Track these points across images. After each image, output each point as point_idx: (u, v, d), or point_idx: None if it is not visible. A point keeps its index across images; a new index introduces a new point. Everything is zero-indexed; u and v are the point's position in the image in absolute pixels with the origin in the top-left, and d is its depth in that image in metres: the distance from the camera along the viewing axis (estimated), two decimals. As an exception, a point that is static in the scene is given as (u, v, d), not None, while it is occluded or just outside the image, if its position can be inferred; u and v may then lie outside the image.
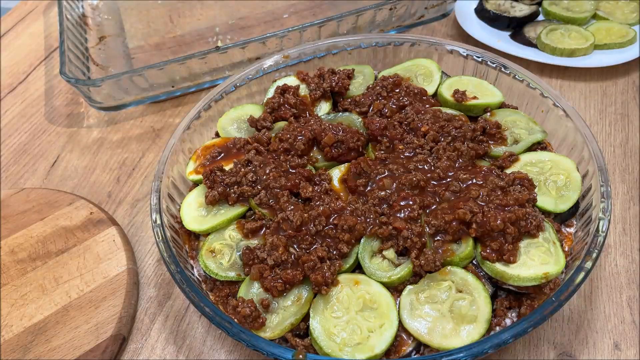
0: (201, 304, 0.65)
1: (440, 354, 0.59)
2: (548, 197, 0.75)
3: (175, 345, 0.76)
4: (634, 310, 0.75)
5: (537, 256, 0.68)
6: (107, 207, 0.95)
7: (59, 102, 1.19)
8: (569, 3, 1.24)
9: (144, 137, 1.08)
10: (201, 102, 0.92)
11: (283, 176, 0.77)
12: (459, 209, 0.70)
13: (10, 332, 0.76)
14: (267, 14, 1.32)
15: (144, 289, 0.83)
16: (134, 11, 1.36)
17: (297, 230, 0.71)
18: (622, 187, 0.89)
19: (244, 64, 1.11)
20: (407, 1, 1.14)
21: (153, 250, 0.88)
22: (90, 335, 0.75)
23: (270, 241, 0.70)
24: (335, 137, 0.81)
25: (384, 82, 0.93)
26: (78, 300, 0.79)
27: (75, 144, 1.09)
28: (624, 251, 0.81)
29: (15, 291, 0.81)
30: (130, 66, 1.21)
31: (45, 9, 1.47)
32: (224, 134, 0.91)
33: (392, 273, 0.69)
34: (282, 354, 0.60)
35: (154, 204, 0.77)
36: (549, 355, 0.71)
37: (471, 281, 0.67)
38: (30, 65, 1.29)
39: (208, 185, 0.78)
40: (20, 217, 0.91)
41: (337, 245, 0.70)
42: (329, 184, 0.78)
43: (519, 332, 0.59)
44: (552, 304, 0.61)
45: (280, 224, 0.72)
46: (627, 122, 1.00)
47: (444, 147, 0.80)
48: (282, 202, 0.74)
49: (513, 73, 0.91)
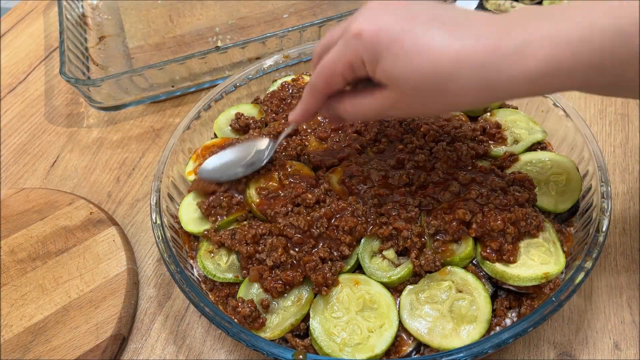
0: (201, 304, 0.65)
1: (441, 354, 0.59)
2: (548, 197, 0.75)
3: (175, 345, 0.76)
4: (634, 310, 0.75)
5: (537, 256, 0.68)
6: (107, 207, 0.95)
7: (59, 102, 1.19)
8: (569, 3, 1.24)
9: (144, 137, 1.08)
10: (201, 102, 0.92)
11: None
12: (459, 209, 0.70)
13: (10, 332, 0.76)
14: (267, 14, 1.32)
15: (143, 289, 0.83)
16: (134, 11, 1.36)
17: (304, 234, 0.71)
18: (622, 187, 0.89)
19: (244, 64, 1.11)
20: (407, 1, 1.14)
21: (153, 250, 0.88)
22: (90, 335, 0.75)
23: (270, 242, 0.70)
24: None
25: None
26: (78, 300, 0.79)
27: (75, 144, 1.09)
28: (624, 251, 0.81)
29: (15, 291, 0.81)
30: (130, 66, 1.21)
31: (45, 9, 1.47)
32: (221, 135, 0.91)
33: (392, 273, 0.69)
34: (282, 354, 0.60)
35: (153, 204, 0.77)
36: (549, 355, 0.71)
37: (471, 281, 0.67)
38: (30, 65, 1.29)
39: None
40: (20, 217, 0.91)
41: (339, 247, 0.70)
42: (328, 185, 0.78)
43: (519, 332, 0.59)
44: (552, 304, 0.61)
45: (283, 230, 0.71)
46: (627, 122, 1.00)
47: (444, 147, 0.80)
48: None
49: (513, 73, 0.91)
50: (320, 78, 0.63)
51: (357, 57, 0.57)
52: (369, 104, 0.62)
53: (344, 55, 0.58)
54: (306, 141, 0.86)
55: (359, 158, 0.81)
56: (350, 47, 0.57)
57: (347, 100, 0.64)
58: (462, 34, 0.53)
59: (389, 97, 0.59)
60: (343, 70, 0.60)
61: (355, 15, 0.58)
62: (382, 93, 0.60)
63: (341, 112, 0.66)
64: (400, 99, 0.58)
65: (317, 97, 0.66)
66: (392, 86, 0.57)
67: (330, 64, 0.60)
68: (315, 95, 0.66)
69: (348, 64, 0.59)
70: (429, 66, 0.53)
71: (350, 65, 0.59)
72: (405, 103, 0.59)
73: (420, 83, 0.54)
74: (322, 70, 0.62)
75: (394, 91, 0.58)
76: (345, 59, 0.58)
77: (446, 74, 0.52)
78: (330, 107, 0.67)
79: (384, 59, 0.55)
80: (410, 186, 0.76)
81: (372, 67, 0.57)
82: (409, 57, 0.53)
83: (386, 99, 0.59)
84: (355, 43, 0.56)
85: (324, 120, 0.89)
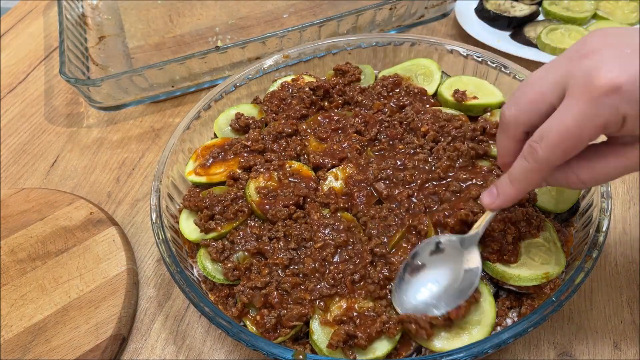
0: (201, 304, 0.65)
1: (441, 354, 0.59)
2: (548, 197, 0.75)
3: (175, 345, 0.76)
4: (634, 310, 0.75)
5: (537, 256, 0.68)
6: (107, 207, 0.95)
7: (59, 102, 1.18)
8: (569, 3, 1.24)
9: (144, 137, 1.08)
10: (201, 102, 0.92)
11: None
12: (460, 209, 0.70)
13: (10, 332, 0.76)
14: (267, 14, 1.32)
15: (143, 289, 0.83)
16: (134, 11, 1.36)
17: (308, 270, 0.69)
18: (622, 187, 0.89)
19: (244, 63, 1.11)
20: (407, 1, 1.14)
21: (153, 250, 0.88)
22: (90, 335, 0.74)
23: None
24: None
25: (384, 82, 0.92)
26: (78, 300, 0.79)
27: (75, 143, 1.09)
28: (624, 251, 0.81)
29: (15, 291, 0.81)
30: (130, 66, 1.21)
31: (45, 9, 1.47)
32: (221, 135, 0.91)
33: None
34: (282, 354, 0.60)
35: (153, 204, 0.77)
36: (549, 355, 0.71)
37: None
38: (29, 65, 1.29)
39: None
40: (20, 217, 0.91)
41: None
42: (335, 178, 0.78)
43: (519, 332, 0.59)
44: (552, 304, 0.61)
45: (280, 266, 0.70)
46: (627, 122, 1.00)
47: (444, 147, 0.80)
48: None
49: (513, 73, 0.91)
50: (559, 151, 0.51)
51: (618, 117, 0.47)
52: (614, 164, 0.53)
53: (595, 120, 0.48)
54: (306, 141, 0.86)
55: (359, 158, 0.81)
56: (604, 108, 0.47)
57: (579, 166, 0.55)
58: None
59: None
60: (594, 136, 0.49)
61: (592, 62, 0.48)
62: (633, 148, 0.51)
63: (571, 179, 0.55)
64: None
65: (545, 172, 0.54)
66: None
67: (573, 133, 0.49)
68: (545, 171, 0.54)
69: (602, 127, 0.48)
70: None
71: (606, 127, 0.48)
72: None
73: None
74: (561, 142, 0.50)
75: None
76: (599, 122, 0.48)
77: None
78: (556, 179, 0.57)
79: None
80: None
81: (635, 123, 0.48)
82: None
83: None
84: (613, 101, 0.46)
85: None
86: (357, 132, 0.86)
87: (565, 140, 0.50)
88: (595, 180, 0.55)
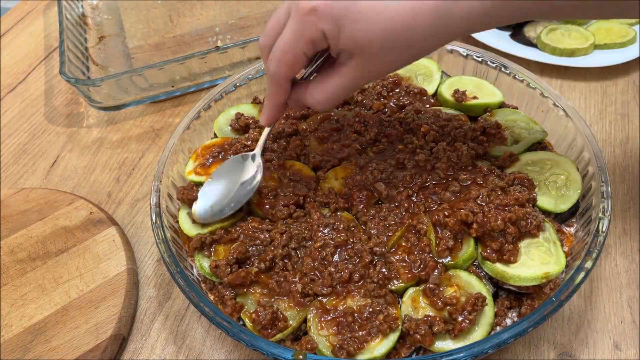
0: (201, 304, 0.65)
1: (441, 354, 0.59)
2: (548, 197, 0.75)
3: (175, 345, 0.76)
4: (634, 310, 0.75)
5: (537, 256, 0.68)
6: (107, 207, 0.95)
7: (59, 102, 1.18)
8: (569, 3, 1.24)
9: (144, 137, 1.08)
10: (201, 102, 0.92)
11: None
12: (460, 209, 0.70)
13: (10, 332, 0.76)
14: (267, 14, 1.32)
15: (143, 289, 0.83)
16: (134, 11, 1.36)
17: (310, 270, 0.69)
18: (622, 187, 0.89)
19: (244, 64, 1.11)
20: (407, 1, 1.14)
21: (153, 250, 0.88)
22: (90, 335, 0.74)
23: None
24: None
25: (384, 82, 0.93)
26: (78, 300, 0.79)
27: (75, 143, 1.09)
28: (624, 251, 0.81)
29: (15, 291, 0.81)
30: (130, 66, 1.21)
31: (45, 9, 1.47)
32: (221, 135, 0.91)
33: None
34: (282, 354, 0.60)
35: (153, 204, 0.77)
36: (549, 355, 0.71)
37: (475, 284, 0.66)
38: (29, 65, 1.29)
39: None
40: (20, 217, 0.91)
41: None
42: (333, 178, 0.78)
43: (519, 332, 0.59)
44: (552, 304, 0.61)
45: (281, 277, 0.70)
46: (627, 122, 1.00)
47: (444, 147, 0.80)
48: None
49: (513, 73, 0.91)
50: (282, 64, 0.61)
51: (318, 32, 0.57)
52: (338, 82, 0.62)
53: (303, 34, 0.58)
54: (306, 141, 0.86)
55: (359, 158, 0.81)
56: (308, 24, 0.57)
57: (312, 88, 0.64)
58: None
59: (356, 67, 0.60)
60: (305, 49, 0.59)
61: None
62: (348, 66, 0.60)
63: (309, 101, 0.65)
64: (368, 63, 0.59)
65: (283, 86, 0.65)
66: (357, 53, 0.58)
67: (289, 46, 0.60)
68: (281, 84, 0.64)
69: (309, 42, 0.58)
70: (389, 22, 0.55)
71: (312, 41, 0.58)
72: (373, 66, 0.59)
73: (385, 40, 0.56)
74: (282, 55, 0.61)
75: (360, 58, 0.58)
76: (306, 37, 0.58)
77: (405, 25, 0.56)
78: (296, 100, 0.67)
79: (345, 27, 0.56)
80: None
81: (335, 39, 0.57)
82: (368, 19, 0.55)
83: (354, 70, 0.60)
84: (313, 19, 0.57)
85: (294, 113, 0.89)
86: (356, 132, 0.86)
87: (286, 53, 0.60)
88: (327, 100, 0.63)
